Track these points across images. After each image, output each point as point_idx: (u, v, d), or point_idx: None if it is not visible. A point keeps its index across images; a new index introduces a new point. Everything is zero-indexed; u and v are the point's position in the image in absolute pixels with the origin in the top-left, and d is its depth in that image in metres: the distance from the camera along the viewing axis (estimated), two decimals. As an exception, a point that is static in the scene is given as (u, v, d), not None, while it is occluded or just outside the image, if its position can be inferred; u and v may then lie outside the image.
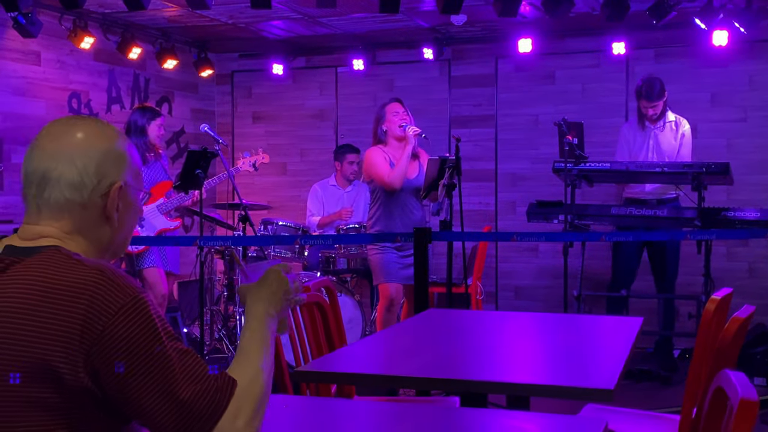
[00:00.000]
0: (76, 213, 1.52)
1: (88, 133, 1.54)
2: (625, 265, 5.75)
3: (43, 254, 1.45)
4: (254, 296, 1.61)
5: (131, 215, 1.62)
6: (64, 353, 1.36)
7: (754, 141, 6.36)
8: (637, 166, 5.46)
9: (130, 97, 6.85)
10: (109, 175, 1.54)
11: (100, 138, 1.55)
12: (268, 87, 7.68)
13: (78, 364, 1.36)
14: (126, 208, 1.59)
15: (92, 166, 1.52)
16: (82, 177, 1.51)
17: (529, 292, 6.96)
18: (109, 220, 1.56)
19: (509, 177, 7.02)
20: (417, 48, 6.96)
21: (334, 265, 6.02)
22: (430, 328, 2.98)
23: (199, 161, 4.98)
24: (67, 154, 1.51)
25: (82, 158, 1.51)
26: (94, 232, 1.55)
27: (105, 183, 1.53)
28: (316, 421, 1.84)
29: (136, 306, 1.39)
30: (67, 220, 1.52)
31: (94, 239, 1.55)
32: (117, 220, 1.57)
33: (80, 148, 1.52)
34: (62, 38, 6.09)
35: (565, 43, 6.81)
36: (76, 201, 1.52)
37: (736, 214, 5.14)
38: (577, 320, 3.11)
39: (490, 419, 1.83)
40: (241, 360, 1.51)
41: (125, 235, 1.61)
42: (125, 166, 1.57)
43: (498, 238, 6.62)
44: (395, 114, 5.03)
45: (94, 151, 1.53)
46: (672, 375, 5.40)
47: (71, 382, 1.36)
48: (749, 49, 6.30)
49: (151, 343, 1.39)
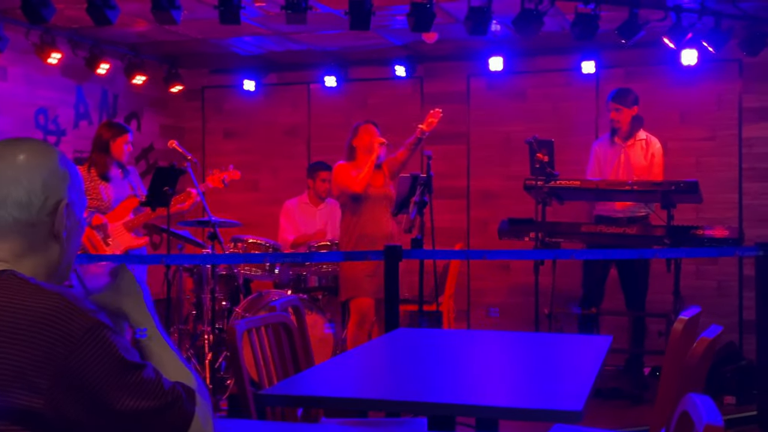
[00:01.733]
0: (25, 233, 1.50)
1: (31, 153, 1.53)
2: (594, 282, 5.77)
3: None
4: (131, 306, 1.61)
5: (78, 234, 1.60)
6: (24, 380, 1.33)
7: (722, 159, 6.43)
8: (607, 184, 5.49)
9: (99, 113, 6.79)
10: (55, 193, 1.52)
11: (43, 156, 1.54)
12: (239, 103, 7.64)
13: (39, 391, 1.34)
14: (73, 226, 1.57)
15: (38, 184, 1.50)
16: (29, 196, 1.49)
17: (501, 309, 6.96)
18: (57, 239, 1.54)
19: (481, 194, 7.03)
20: (389, 65, 6.97)
21: (305, 283, 5.98)
22: (399, 347, 2.95)
23: (167, 178, 4.94)
24: (11, 174, 1.49)
25: (27, 177, 1.50)
26: (44, 252, 1.53)
27: (51, 201, 1.52)
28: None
29: (97, 330, 1.38)
30: (15, 242, 1.50)
31: (43, 260, 1.53)
32: (65, 240, 1.55)
33: (24, 168, 1.50)
34: (29, 53, 6.03)
35: (536, 62, 6.85)
36: (23, 220, 1.49)
37: (705, 233, 5.18)
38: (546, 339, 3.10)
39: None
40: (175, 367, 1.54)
41: (72, 255, 1.59)
42: (69, 184, 1.56)
43: (469, 256, 6.62)
44: (367, 133, 5.24)
45: (38, 169, 1.51)
46: (642, 393, 5.41)
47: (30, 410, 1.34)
48: (717, 68, 6.38)
49: (116, 366, 1.39)
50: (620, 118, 5.64)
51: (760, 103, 6.35)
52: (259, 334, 2.58)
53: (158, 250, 7.22)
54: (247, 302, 5.62)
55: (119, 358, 1.39)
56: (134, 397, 1.39)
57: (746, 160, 6.40)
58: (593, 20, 4.98)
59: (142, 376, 1.42)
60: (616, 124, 5.66)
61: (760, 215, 6.33)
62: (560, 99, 6.83)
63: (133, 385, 1.40)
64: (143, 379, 1.41)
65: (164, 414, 1.42)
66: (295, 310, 2.99)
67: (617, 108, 5.63)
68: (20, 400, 1.33)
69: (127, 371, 1.40)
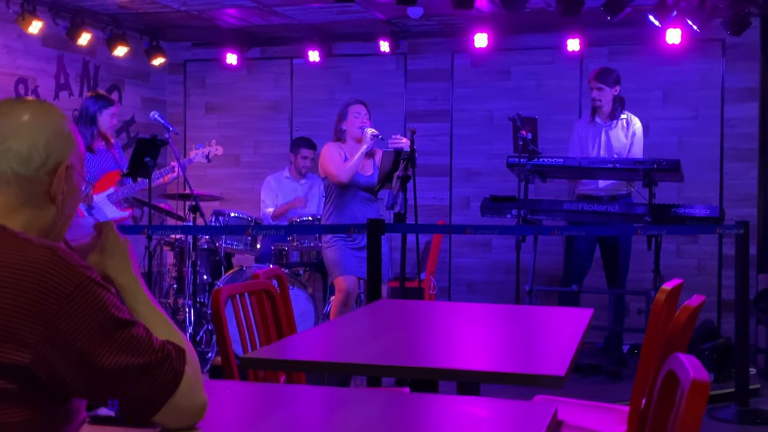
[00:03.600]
0: (22, 188, 1.49)
1: (38, 111, 1.54)
2: (576, 260, 5.79)
3: None
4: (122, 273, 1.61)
5: (73, 201, 1.58)
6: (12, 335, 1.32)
7: (705, 139, 6.46)
8: (590, 162, 5.50)
9: (79, 84, 6.71)
10: (57, 153, 1.52)
11: (50, 116, 1.54)
12: (221, 77, 7.58)
13: (28, 346, 1.33)
14: (70, 192, 1.55)
15: (42, 141, 1.50)
16: (31, 151, 1.49)
17: (482, 287, 6.98)
18: (53, 202, 1.52)
19: (464, 172, 7.03)
20: (373, 41, 6.93)
21: (287, 259, 5.97)
22: (382, 317, 2.95)
23: (149, 149, 4.90)
24: (15, 129, 1.49)
25: (32, 133, 1.50)
26: (38, 212, 1.51)
27: (52, 161, 1.51)
28: (261, 406, 1.80)
29: (88, 285, 1.37)
30: (11, 196, 1.48)
31: (35, 220, 1.51)
32: (61, 203, 1.53)
33: (29, 124, 1.50)
34: (9, 22, 5.94)
35: (521, 39, 6.84)
36: (21, 174, 1.48)
37: (686, 211, 5.20)
38: (529, 311, 3.11)
39: (440, 404, 1.81)
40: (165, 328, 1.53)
41: (64, 222, 1.57)
42: (72, 148, 1.55)
43: (451, 230, 6.62)
44: (357, 116, 5.09)
45: (44, 127, 1.51)
46: (621, 370, 5.46)
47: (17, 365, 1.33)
48: (702, 48, 6.39)
49: (106, 321, 1.38)
50: (602, 97, 5.64)
51: (743, 83, 6.37)
52: (243, 299, 2.57)
53: (140, 223, 7.17)
54: (228, 276, 5.60)
55: (109, 315, 1.39)
56: (123, 353, 1.39)
57: (728, 140, 6.43)
58: (579, -4, 4.98)
59: (131, 333, 1.41)
60: (597, 103, 5.67)
61: (740, 195, 6.37)
62: (544, 77, 6.82)
63: (122, 342, 1.39)
64: (133, 336, 1.41)
65: (154, 371, 1.42)
66: (279, 280, 2.97)
67: (599, 87, 5.63)
68: (8, 356, 1.32)
69: (117, 327, 1.39)
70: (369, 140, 4.98)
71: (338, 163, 4.99)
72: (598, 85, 5.63)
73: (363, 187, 5.06)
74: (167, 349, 1.45)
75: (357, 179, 5.01)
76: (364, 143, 4.99)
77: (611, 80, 5.63)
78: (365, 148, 4.97)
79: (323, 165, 5.08)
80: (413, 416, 1.61)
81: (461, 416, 1.67)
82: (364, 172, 5.06)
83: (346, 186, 5.01)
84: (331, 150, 5.07)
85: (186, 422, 1.47)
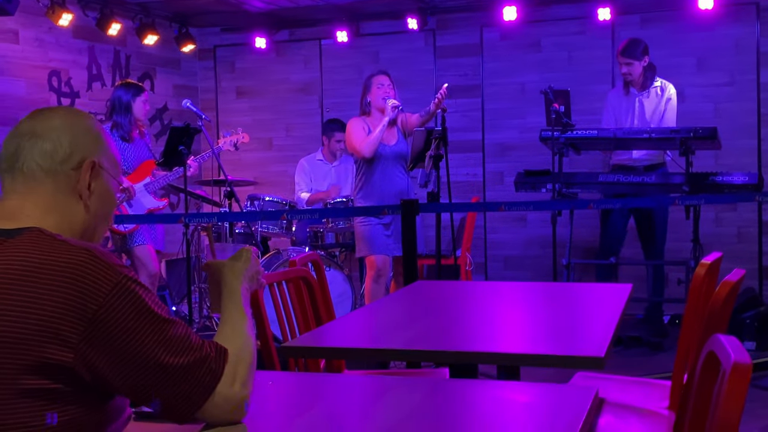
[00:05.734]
0: (48, 184, 1.50)
1: (66, 113, 1.57)
2: (613, 232, 5.74)
3: (25, 235, 1.42)
4: (232, 271, 1.68)
5: (105, 202, 1.58)
6: (55, 335, 1.34)
7: (741, 105, 6.35)
8: (624, 133, 5.44)
9: (111, 74, 6.77)
10: (82, 149, 1.53)
11: (77, 117, 1.57)
12: (251, 61, 7.60)
13: (70, 345, 1.34)
14: (99, 192, 1.56)
15: (66, 137, 1.52)
16: (55, 145, 1.51)
17: (519, 261, 6.96)
18: (81, 199, 1.53)
19: (497, 147, 6.99)
20: (401, 18, 6.90)
21: (322, 240, 5.99)
22: (419, 299, 2.95)
23: (182, 138, 4.94)
24: (42, 128, 1.52)
25: (57, 131, 1.52)
26: (67, 210, 1.52)
27: (77, 156, 1.52)
28: (303, 397, 1.81)
29: (127, 284, 1.39)
30: (42, 195, 1.50)
31: (66, 220, 1.52)
32: (89, 202, 1.54)
33: (57, 123, 1.53)
34: (40, 15, 6.00)
35: (550, 10, 6.75)
36: (45, 168, 1.50)
37: (724, 179, 5.13)
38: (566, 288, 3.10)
39: (480, 390, 1.81)
40: (228, 330, 1.57)
41: (97, 223, 1.57)
42: (100, 148, 1.56)
43: (486, 208, 6.60)
44: (380, 86, 5.12)
45: (69, 126, 1.54)
46: (662, 341, 5.42)
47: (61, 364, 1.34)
48: (735, 12, 6.27)
49: (145, 320, 1.39)
50: (631, 72, 5.57)
51: (779, 47, 6.25)
52: (281, 287, 2.59)
53: (176, 210, 7.24)
54: (265, 259, 5.64)
55: (147, 313, 1.40)
56: (162, 351, 1.40)
57: (765, 105, 6.32)
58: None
59: (170, 331, 1.42)
60: (628, 77, 5.59)
61: (779, 161, 6.27)
62: (575, 47, 6.74)
63: (161, 340, 1.40)
64: (172, 335, 1.42)
65: (192, 370, 1.43)
66: (315, 265, 2.99)
67: (628, 62, 5.55)
68: (51, 355, 1.34)
69: (155, 325, 1.40)
70: (390, 112, 5.02)
71: (361, 138, 5.05)
72: (626, 60, 5.55)
73: (390, 157, 5.09)
74: (206, 349, 1.46)
75: (381, 150, 5.05)
76: (386, 115, 5.02)
77: (639, 53, 5.54)
78: (386, 120, 5.01)
79: (348, 141, 5.16)
80: (454, 404, 1.62)
81: (501, 402, 1.67)
82: (387, 142, 5.10)
83: (372, 159, 5.05)
84: (355, 125, 5.12)
85: (228, 419, 1.48)
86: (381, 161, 5.08)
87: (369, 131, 5.05)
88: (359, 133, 5.06)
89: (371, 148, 5.01)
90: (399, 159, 5.12)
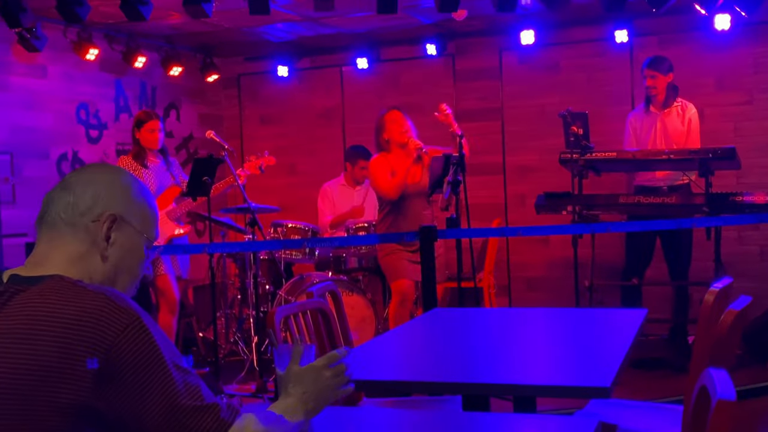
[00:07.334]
0: (68, 234, 1.57)
1: (97, 168, 1.64)
2: (637, 253, 5.76)
3: (47, 283, 1.49)
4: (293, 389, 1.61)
5: (126, 254, 1.62)
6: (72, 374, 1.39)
7: (761, 124, 6.35)
8: (644, 154, 5.47)
9: (138, 105, 6.91)
10: (104, 203, 1.58)
11: (105, 171, 1.63)
12: (274, 89, 7.72)
13: (84, 384, 1.40)
14: (120, 243, 1.60)
15: (90, 191, 1.58)
16: (77, 198, 1.57)
17: (542, 283, 6.98)
18: (100, 251, 1.58)
19: (518, 169, 7.04)
20: (420, 44, 6.99)
21: (345, 265, 6.07)
22: (434, 329, 3.01)
23: (206, 168, 5.05)
24: (74, 182, 1.60)
25: (83, 185, 1.59)
26: (87, 260, 1.58)
27: (98, 209, 1.58)
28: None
29: (138, 326, 1.44)
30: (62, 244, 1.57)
31: (86, 268, 1.57)
32: (107, 253, 1.59)
33: (84, 178, 1.60)
34: (67, 51, 6.16)
35: (568, 33, 6.81)
36: (66, 219, 1.57)
37: (745, 199, 5.14)
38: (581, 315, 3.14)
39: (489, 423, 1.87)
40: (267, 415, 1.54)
41: (117, 274, 1.61)
42: (125, 202, 1.61)
43: (504, 233, 6.64)
44: (393, 122, 5.19)
45: (94, 180, 1.60)
46: (686, 362, 5.39)
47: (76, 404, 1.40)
48: (752, 31, 6.29)
49: (154, 360, 1.44)
50: (656, 85, 5.61)
51: (798, 64, 6.26)
52: (297, 320, 2.67)
53: (202, 237, 7.36)
54: (289, 285, 5.73)
55: (157, 355, 1.44)
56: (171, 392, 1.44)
57: (785, 123, 6.32)
58: (622, -10, 4.95)
59: (181, 376, 1.46)
60: (653, 91, 5.63)
61: (800, 178, 6.25)
62: (594, 69, 6.79)
63: (169, 383, 1.44)
64: (182, 379, 1.46)
65: (198, 415, 1.45)
66: (333, 295, 3.06)
67: (653, 75, 5.60)
68: (70, 394, 1.40)
69: (165, 367, 1.44)
70: (413, 153, 5.09)
71: (386, 180, 5.11)
72: (651, 73, 5.60)
73: (414, 195, 5.15)
74: (216, 402, 1.48)
75: (406, 189, 5.11)
76: (409, 157, 5.08)
77: (665, 68, 5.59)
78: (410, 162, 5.08)
79: (372, 182, 5.24)
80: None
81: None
82: (414, 180, 5.15)
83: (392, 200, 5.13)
84: (379, 166, 5.18)
85: None
86: (406, 200, 5.15)
87: (392, 171, 5.12)
88: (384, 176, 5.13)
89: (397, 192, 5.09)
90: (422, 194, 5.17)
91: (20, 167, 5.83)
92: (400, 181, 5.07)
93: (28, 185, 5.72)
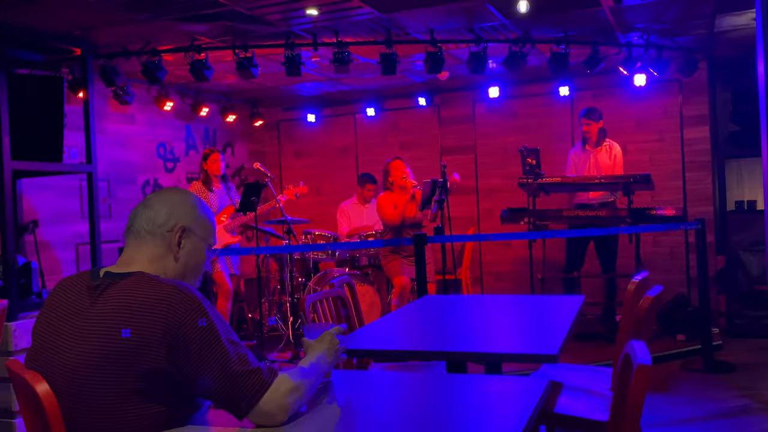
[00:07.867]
0: (149, 241, 1.57)
1: (173, 190, 1.64)
2: (576, 253, 5.76)
3: (132, 278, 1.50)
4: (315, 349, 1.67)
5: (192, 257, 1.61)
6: (153, 347, 1.40)
7: (670, 156, 6.35)
8: (581, 179, 5.47)
9: (203, 144, 6.93)
10: (176, 217, 1.59)
11: (179, 193, 1.63)
12: (305, 131, 7.74)
13: (161, 354, 1.41)
14: (188, 249, 1.60)
15: (166, 208, 1.59)
16: (155, 214, 1.58)
17: (506, 275, 6.97)
18: (173, 254, 1.58)
19: (487, 191, 7.04)
20: (414, 97, 7.01)
21: (358, 262, 6.06)
22: (426, 311, 3.01)
23: (254, 191, 5.06)
24: (151, 201, 1.60)
25: (160, 203, 1.60)
26: (163, 261, 1.58)
27: (172, 222, 1.58)
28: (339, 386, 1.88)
29: (200, 309, 1.44)
30: (148, 249, 1.57)
31: (162, 267, 1.57)
32: (180, 256, 1.59)
33: (161, 197, 1.60)
34: (150, 103, 6.18)
35: (524, 89, 6.82)
36: (147, 230, 1.57)
37: (658, 212, 5.14)
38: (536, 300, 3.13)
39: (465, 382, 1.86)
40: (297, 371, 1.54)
41: (186, 271, 1.60)
42: (193, 216, 1.60)
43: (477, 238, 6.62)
44: (397, 169, 5.29)
45: (169, 199, 1.60)
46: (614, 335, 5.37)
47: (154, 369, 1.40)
48: (663, 87, 6.30)
49: (213, 337, 1.44)
50: (590, 130, 5.63)
51: (696, 112, 6.25)
52: (322, 305, 2.66)
53: (250, 242, 7.37)
54: (316, 278, 5.71)
55: (214, 331, 1.44)
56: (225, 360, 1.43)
57: (687, 155, 6.31)
58: (564, 57, 4.96)
59: (233, 348, 1.45)
60: (588, 135, 5.65)
61: (698, 197, 6.25)
62: (544, 116, 6.79)
63: (224, 352, 1.43)
64: (233, 350, 1.45)
65: (245, 377, 1.44)
66: (349, 286, 3.06)
67: (588, 122, 5.62)
68: (149, 362, 1.40)
69: (220, 341, 1.43)
70: (410, 191, 5.19)
71: (390, 212, 5.22)
72: (586, 121, 5.61)
73: (409, 226, 5.23)
74: (259, 366, 1.47)
75: (404, 220, 5.20)
76: (407, 194, 5.19)
77: (596, 116, 5.61)
78: (409, 197, 5.18)
79: (379, 213, 5.32)
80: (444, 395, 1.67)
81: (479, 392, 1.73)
82: (409, 214, 5.24)
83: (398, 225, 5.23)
84: (384, 201, 5.29)
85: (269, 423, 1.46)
86: (403, 228, 5.24)
87: (394, 204, 5.23)
88: (388, 208, 5.25)
89: (399, 219, 5.18)
90: (416, 226, 5.25)
91: (115, 190, 5.85)
92: (400, 212, 5.17)
93: (120, 204, 5.74)
